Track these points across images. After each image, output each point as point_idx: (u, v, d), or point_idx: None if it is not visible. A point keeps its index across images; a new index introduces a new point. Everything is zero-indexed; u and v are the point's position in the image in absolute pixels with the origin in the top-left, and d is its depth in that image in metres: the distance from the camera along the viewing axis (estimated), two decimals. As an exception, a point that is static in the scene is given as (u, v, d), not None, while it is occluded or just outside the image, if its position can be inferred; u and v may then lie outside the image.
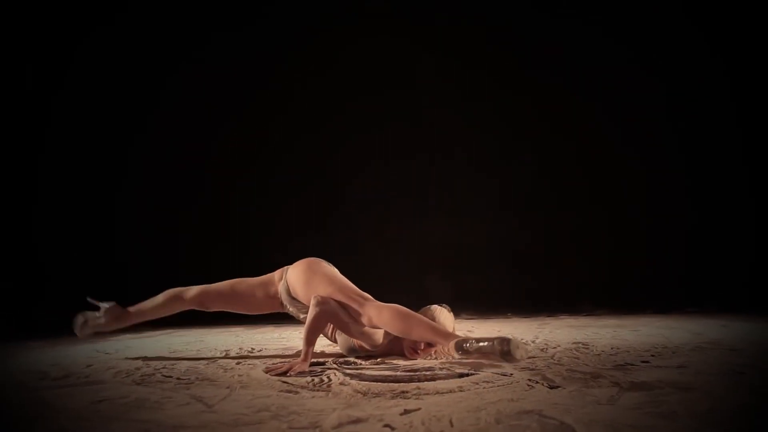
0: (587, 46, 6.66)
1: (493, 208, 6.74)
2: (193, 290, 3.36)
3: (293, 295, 3.09)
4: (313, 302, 2.86)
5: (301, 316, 3.14)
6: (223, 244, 6.69)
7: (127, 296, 6.40)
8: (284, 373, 2.57)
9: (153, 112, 6.79)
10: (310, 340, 2.78)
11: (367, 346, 2.95)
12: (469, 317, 5.88)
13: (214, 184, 6.85)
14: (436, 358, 2.94)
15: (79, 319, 3.45)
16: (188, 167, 6.79)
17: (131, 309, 3.48)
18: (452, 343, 2.60)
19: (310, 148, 6.84)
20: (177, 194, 6.74)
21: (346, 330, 2.91)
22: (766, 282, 5.99)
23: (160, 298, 3.42)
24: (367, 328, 2.89)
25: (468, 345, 2.56)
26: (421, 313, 2.94)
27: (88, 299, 3.49)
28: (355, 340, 2.98)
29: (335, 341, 3.18)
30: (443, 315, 2.98)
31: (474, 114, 6.84)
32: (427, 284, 6.34)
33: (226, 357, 3.30)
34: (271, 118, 6.86)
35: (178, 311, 3.45)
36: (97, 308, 3.48)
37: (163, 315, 3.47)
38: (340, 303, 2.89)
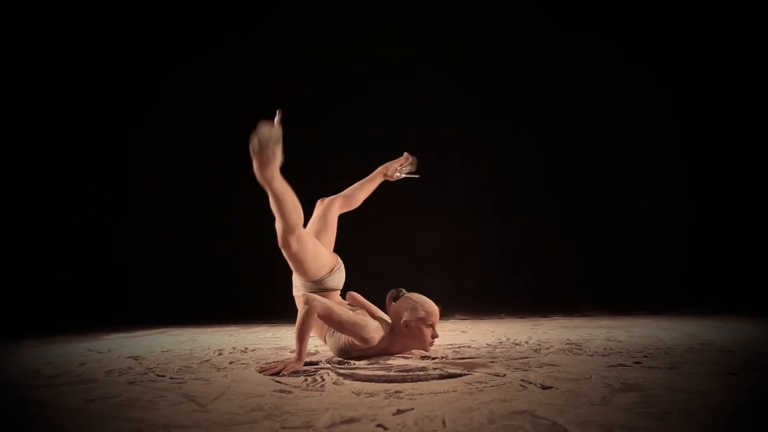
0: (584, 47, 6.66)
1: (489, 208, 6.75)
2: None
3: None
4: (302, 300, 2.86)
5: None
6: (221, 239, 6.70)
7: (126, 294, 6.45)
8: (278, 373, 2.57)
9: (152, 112, 6.79)
10: (301, 339, 2.77)
11: (358, 343, 2.91)
12: (463, 317, 5.88)
13: (212, 181, 6.85)
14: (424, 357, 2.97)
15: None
16: (187, 165, 6.79)
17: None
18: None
19: (309, 146, 6.83)
20: (175, 192, 6.73)
21: (337, 326, 2.90)
22: (759, 283, 6.01)
23: None
24: (358, 321, 2.89)
25: None
26: (405, 299, 3.04)
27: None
28: (346, 340, 2.95)
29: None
30: (423, 298, 3.06)
31: (472, 114, 6.85)
32: (423, 284, 6.33)
33: (219, 356, 3.29)
34: (269, 117, 6.84)
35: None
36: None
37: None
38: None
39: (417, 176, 3.80)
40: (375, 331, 2.92)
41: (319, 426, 1.68)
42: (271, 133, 2.96)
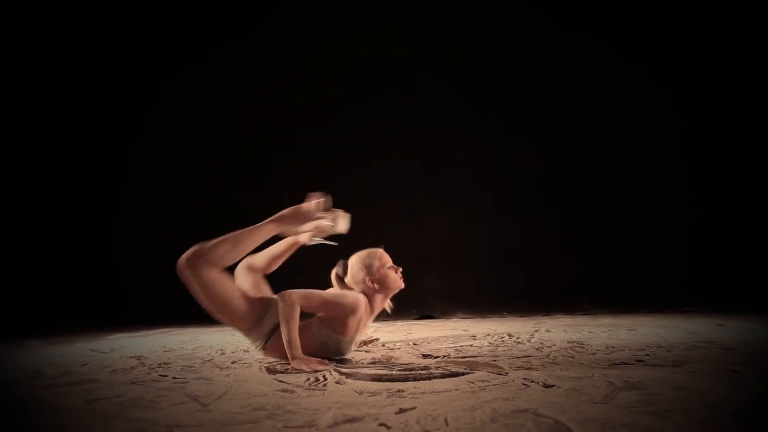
0: (584, 47, 6.66)
1: (489, 207, 6.73)
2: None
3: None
4: (279, 299, 2.81)
5: None
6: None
7: (126, 295, 6.44)
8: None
9: (152, 112, 6.78)
10: (292, 339, 2.75)
11: (347, 316, 2.86)
12: (465, 316, 5.89)
13: (212, 181, 6.84)
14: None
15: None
16: (186, 165, 6.78)
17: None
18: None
19: (308, 147, 6.84)
20: (175, 192, 6.73)
21: (322, 306, 2.87)
22: (761, 281, 6.00)
23: None
24: (337, 293, 2.90)
25: None
26: (352, 265, 3.09)
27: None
28: (329, 329, 2.90)
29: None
30: (363, 252, 3.13)
31: (471, 113, 6.83)
32: (424, 284, 6.33)
33: (222, 356, 3.29)
34: (270, 117, 6.85)
35: None
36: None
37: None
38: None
39: (335, 244, 3.47)
40: (354, 295, 2.91)
41: (321, 425, 1.68)
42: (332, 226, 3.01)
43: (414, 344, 3.63)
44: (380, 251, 3.09)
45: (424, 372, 2.47)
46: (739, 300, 5.83)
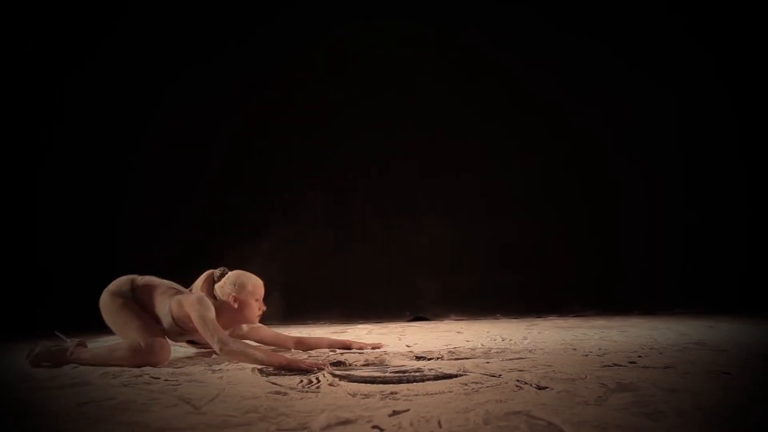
0: (584, 47, 6.65)
1: (484, 207, 6.72)
2: None
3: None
4: (220, 353, 2.88)
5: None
6: (220, 240, 6.69)
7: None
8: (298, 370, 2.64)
9: (152, 113, 6.77)
10: (259, 356, 2.82)
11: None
12: (458, 318, 5.89)
13: (212, 181, 6.84)
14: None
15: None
16: (187, 166, 6.77)
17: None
18: None
19: (308, 147, 6.83)
20: (176, 193, 6.72)
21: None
22: (761, 281, 6.00)
23: None
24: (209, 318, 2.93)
25: None
26: (228, 277, 3.23)
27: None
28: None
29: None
30: (246, 274, 3.23)
31: (471, 114, 6.82)
32: (417, 284, 6.33)
33: (215, 357, 3.29)
34: (270, 117, 6.84)
35: None
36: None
37: None
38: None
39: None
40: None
41: (314, 428, 1.67)
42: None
43: (407, 346, 3.63)
44: (260, 282, 3.21)
45: (417, 374, 2.47)
46: (738, 300, 5.84)
